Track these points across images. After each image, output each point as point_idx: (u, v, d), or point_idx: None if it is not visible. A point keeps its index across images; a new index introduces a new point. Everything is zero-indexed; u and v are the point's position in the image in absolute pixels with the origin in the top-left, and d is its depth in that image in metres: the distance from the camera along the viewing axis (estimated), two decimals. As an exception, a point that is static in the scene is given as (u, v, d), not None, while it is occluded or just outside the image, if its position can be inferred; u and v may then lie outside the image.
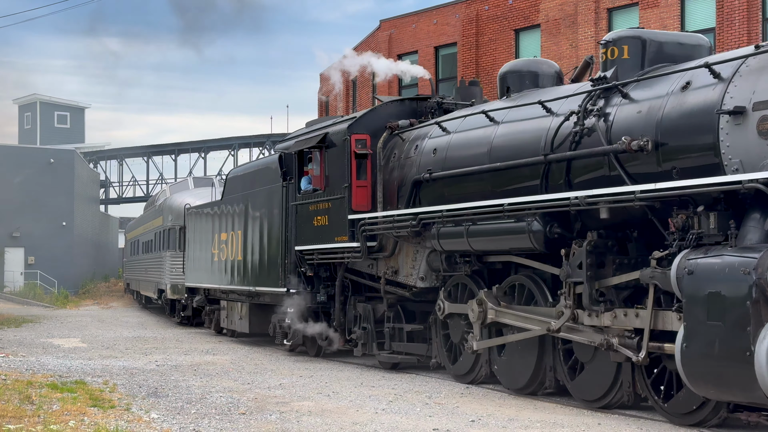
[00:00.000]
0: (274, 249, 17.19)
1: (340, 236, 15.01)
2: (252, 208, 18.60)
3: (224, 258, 20.23)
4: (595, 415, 10.36)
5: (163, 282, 29.22)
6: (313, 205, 16.01)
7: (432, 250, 13.25)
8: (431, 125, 13.99)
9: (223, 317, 21.59)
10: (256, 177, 18.81)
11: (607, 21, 23.76)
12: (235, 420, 10.00)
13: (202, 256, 22.31)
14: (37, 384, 12.70)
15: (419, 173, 13.48)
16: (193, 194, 28.74)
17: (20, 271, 49.16)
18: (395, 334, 14.65)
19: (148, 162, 60.53)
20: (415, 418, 10.12)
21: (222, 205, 20.84)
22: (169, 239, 28.88)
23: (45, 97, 68.42)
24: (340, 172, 15.03)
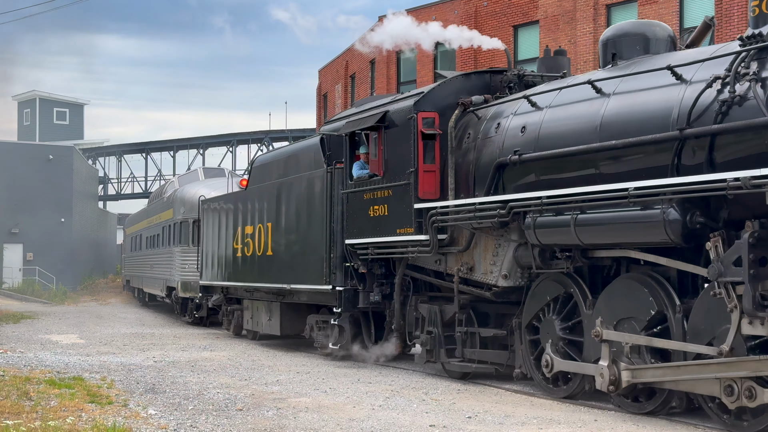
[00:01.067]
0: (316, 242, 15.57)
1: (403, 228, 13.34)
2: (286, 197, 16.99)
3: (249, 253, 18.67)
4: (591, 412, 10.38)
5: (172, 279, 27.48)
6: (368, 193, 14.27)
7: (520, 243, 11.59)
8: (516, 100, 12.22)
9: (246, 318, 20.01)
10: (291, 163, 17.14)
11: (605, 17, 23.77)
12: (233, 416, 10.02)
13: (221, 251, 20.61)
14: (35, 380, 12.71)
15: (503, 155, 11.73)
16: (206, 185, 26.90)
17: (19, 267, 49.18)
18: (466, 339, 12.83)
19: (147, 158, 60.53)
20: (411, 415, 10.14)
21: (246, 195, 19.10)
22: (180, 233, 27.09)
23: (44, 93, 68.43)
24: (404, 156, 13.31)
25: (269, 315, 18.32)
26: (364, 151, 14.76)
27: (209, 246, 21.61)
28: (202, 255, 22.26)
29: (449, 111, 13.10)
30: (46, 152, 50.74)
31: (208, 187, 26.19)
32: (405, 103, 13.56)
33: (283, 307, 17.77)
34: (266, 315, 18.48)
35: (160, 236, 31.14)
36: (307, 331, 17.09)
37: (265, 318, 18.54)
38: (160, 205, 32.03)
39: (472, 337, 12.79)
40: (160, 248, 31.02)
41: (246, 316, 20.04)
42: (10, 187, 48.04)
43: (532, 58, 25.67)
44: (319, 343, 16.42)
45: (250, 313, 19.68)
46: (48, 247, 49.00)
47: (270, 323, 18.33)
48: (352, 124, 14.86)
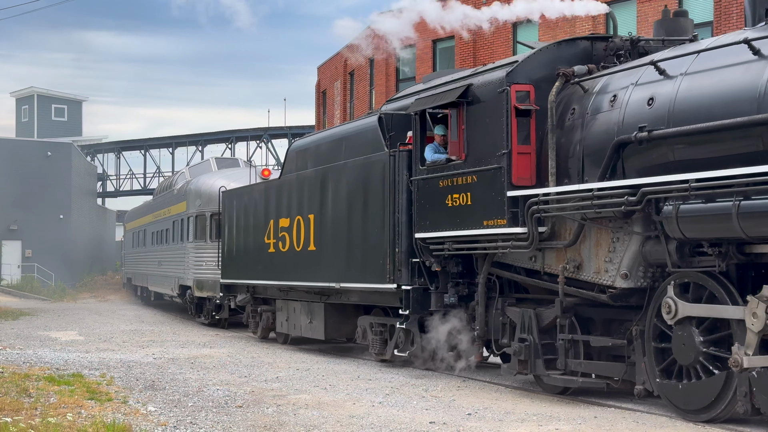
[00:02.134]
0: (374, 236, 13.92)
1: (493, 219, 11.56)
2: (333, 185, 15.27)
3: (285, 248, 17.00)
4: (591, 408, 10.38)
5: (186, 277, 25.46)
6: (445, 180, 12.49)
7: (650, 237, 9.83)
8: (636, 68, 10.49)
9: (280, 320, 18.08)
10: (339, 147, 15.44)
11: (604, 15, 23.73)
12: (232, 413, 10.02)
13: (248, 246, 18.97)
14: (35, 377, 12.71)
15: (623, 132, 10.05)
16: (223, 176, 24.92)
17: (17, 264, 49.15)
18: (569, 349, 10.94)
19: (146, 155, 60.51)
20: (411, 411, 10.14)
21: (280, 184, 17.46)
22: (195, 228, 25.01)
23: (42, 89, 68.36)
24: (492, 136, 11.54)
25: (310, 317, 16.54)
26: (438, 132, 13.10)
27: (232, 241, 20.07)
28: (224, 251, 20.65)
29: (544, 84, 11.36)
30: (45, 149, 50.70)
31: (226, 177, 24.35)
32: (494, 74, 11.78)
33: (328, 308, 16.03)
34: (306, 317, 16.69)
35: (170, 231, 28.97)
36: (358, 334, 15.38)
37: (305, 320, 16.76)
38: (170, 198, 29.72)
39: (575, 347, 10.89)
40: (169, 244, 28.92)
41: (279, 318, 18.19)
42: (9, 183, 48.01)
43: (532, 55, 25.65)
44: (375, 349, 14.69)
45: (285, 315, 17.84)
46: (47, 244, 48.98)
47: (311, 326, 16.51)
48: (424, 101, 13.12)
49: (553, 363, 11.06)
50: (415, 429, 9.05)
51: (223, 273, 20.76)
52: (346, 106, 34.91)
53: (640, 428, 9.13)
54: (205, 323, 24.51)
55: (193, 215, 25.20)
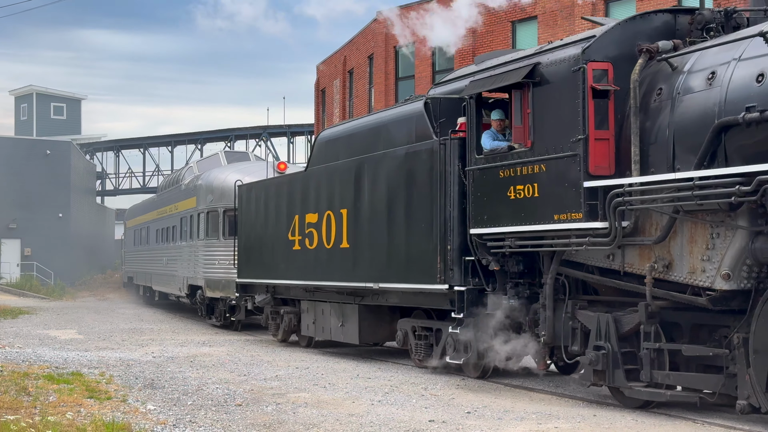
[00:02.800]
0: (421, 231, 12.75)
1: (565, 213, 10.40)
2: (370, 177, 14.13)
3: (312, 245, 15.83)
4: (590, 407, 10.39)
5: (196, 277, 24.15)
6: (506, 169, 11.28)
7: (759, 231, 8.77)
8: (738, 41, 9.31)
9: (306, 323, 16.87)
10: (379, 136, 14.26)
11: (604, 13, 23.74)
12: (232, 411, 10.02)
13: (269, 243, 17.77)
14: (34, 375, 12.71)
15: (726, 114, 8.94)
16: (238, 170, 23.52)
17: (17, 262, 49.15)
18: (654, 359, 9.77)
19: (145, 153, 60.49)
20: (410, 410, 10.15)
21: (306, 177, 16.31)
22: (206, 225, 23.65)
23: (41, 88, 68.32)
24: (564, 120, 10.41)
25: (341, 319, 15.37)
26: (495, 117, 12.00)
27: (250, 238, 18.87)
28: (241, 249, 19.43)
29: (621, 62, 10.24)
30: (44, 147, 50.69)
31: (239, 171, 22.96)
32: (567, 52, 10.58)
33: (362, 310, 14.86)
34: (337, 319, 15.52)
35: (177, 228, 27.50)
36: (399, 338, 14.24)
37: (335, 323, 15.58)
38: (177, 194, 28.13)
39: (660, 356, 9.74)
40: (177, 242, 27.52)
41: (305, 320, 16.93)
42: (8, 182, 48.01)
43: (531, 54, 25.65)
44: (418, 355, 13.63)
45: (311, 317, 16.59)
46: (46, 243, 48.97)
47: (343, 329, 15.32)
48: (481, 83, 11.86)
49: (634, 373, 9.95)
50: (415, 427, 9.05)
51: (240, 272, 19.45)
52: (345, 104, 34.91)
53: (639, 426, 9.14)
54: (217, 325, 23.22)
55: (204, 211, 23.86)
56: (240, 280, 19.48)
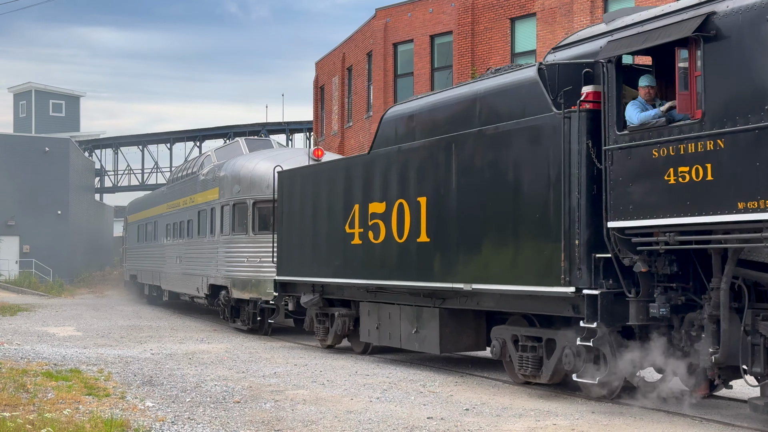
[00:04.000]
0: (535, 223, 10.68)
1: (755, 200, 8.42)
2: (461, 159, 12.04)
3: (379, 239, 13.88)
4: (588, 404, 10.39)
5: (218, 276, 21.72)
6: (664, 147, 9.27)
7: None
8: None
9: (367, 327, 14.82)
10: (473, 110, 12.04)
11: (603, 9, 23.73)
12: (230, 408, 10.02)
13: (319, 238, 15.89)
14: (32, 372, 12.71)
15: None
16: (267, 157, 21.08)
17: (15, 259, 49.14)
18: None
19: (143, 151, 60.47)
20: (409, 407, 10.15)
21: (370, 162, 14.34)
22: (232, 219, 21.20)
23: (40, 85, 68.33)
24: (752, 84, 8.49)
25: (415, 325, 13.41)
26: (645, 84, 10.04)
27: (293, 231, 16.93)
28: (281, 243, 17.45)
29: None
30: (43, 144, 50.67)
31: (270, 159, 20.52)
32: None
33: (444, 314, 12.87)
34: (409, 324, 13.57)
35: (194, 223, 25.02)
36: (494, 349, 11.96)
37: (407, 328, 13.65)
38: (193, 185, 25.45)
39: None
40: (194, 238, 25.03)
41: (365, 324, 14.92)
42: (6, 179, 48.00)
43: (530, 51, 25.69)
44: (524, 369, 11.32)
45: (374, 321, 14.60)
46: (45, 240, 48.96)
47: (418, 336, 13.35)
48: (626, 42, 9.90)
49: None
50: (413, 424, 9.06)
51: (279, 269, 17.47)
52: (344, 101, 34.88)
53: (638, 424, 9.14)
54: (243, 329, 20.81)
55: (229, 204, 21.39)
56: (280, 278, 17.48)
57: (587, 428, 8.89)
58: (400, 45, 29.82)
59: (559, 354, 10.74)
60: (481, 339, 13.04)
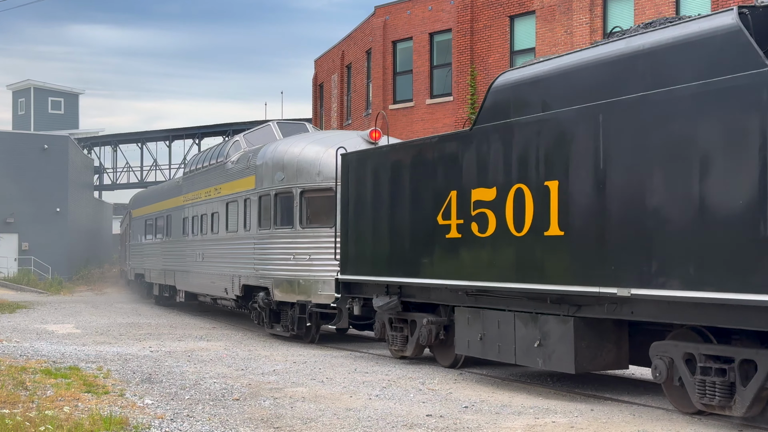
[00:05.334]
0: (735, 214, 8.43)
1: None
2: (615, 132, 9.74)
3: (486, 232, 11.60)
4: (587, 401, 10.39)
5: (258, 275, 19.00)
6: None
7: None
8: None
9: (466, 338, 12.26)
10: (631, 71, 9.75)
11: (602, 7, 23.74)
12: (229, 406, 10.02)
13: (399, 230, 13.69)
14: (31, 370, 12.70)
15: None
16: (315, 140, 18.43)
17: (14, 257, 49.15)
18: None
19: (142, 148, 60.47)
20: (408, 404, 10.15)
21: (476, 138, 11.94)
22: (274, 211, 18.44)
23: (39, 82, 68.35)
24: None
25: (537, 336, 10.95)
26: None
27: (362, 223, 14.73)
28: (346, 237, 15.24)
29: None
30: (42, 142, 50.67)
31: (319, 142, 18.17)
32: None
33: (580, 325, 10.49)
34: (528, 336, 11.10)
35: (220, 216, 22.33)
36: (658, 370, 9.54)
37: (526, 341, 11.15)
38: (219, 174, 22.77)
39: None
40: (220, 233, 22.47)
41: (463, 333, 12.39)
42: (5, 176, 48.02)
43: (529, 49, 25.67)
44: (711, 398, 8.95)
45: (476, 330, 12.08)
46: (43, 237, 48.98)
47: (543, 351, 10.88)
48: None
49: None
50: (412, 422, 9.06)
51: (344, 267, 15.27)
52: (343, 99, 34.88)
53: (637, 421, 9.14)
54: (285, 336, 18.48)
55: (269, 194, 18.64)
56: (344, 277, 15.21)
57: (586, 425, 8.89)
58: (400, 43, 29.82)
59: (762, 380, 8.47)
60: (623, 355, 10.64)
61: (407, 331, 14.11)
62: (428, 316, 13.41)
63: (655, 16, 22.39)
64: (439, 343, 13.47)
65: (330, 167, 17.04)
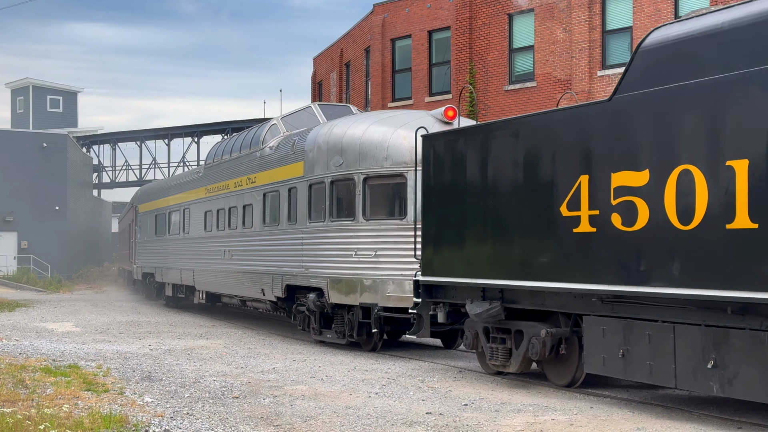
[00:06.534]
0: None
1: None
2: None
3: (634, 225, 9.57)
4: (587, 399, 10.40)
5: (304, 274, 16.85)
6: None
7: None
8: None
9: (602, 354, 10.04)
10: None
11: (600, 5, 23.73)
12: (229, 404, 10.03)
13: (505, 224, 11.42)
14: (31, 368, 12.70)
15: None
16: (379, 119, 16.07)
17: (13, 255, 49.14)
18: None
19: (141, 146, 60.43)
20: (408, 402, 10.16)
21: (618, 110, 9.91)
22: (331, 200, 16.08)
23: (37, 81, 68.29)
24: None
25: (711, 356, 8.75)
26: None
27: (451, 216, 12.49)
28: (429, 233, 12.97)
29: None
30: (40, 140, 50.65)
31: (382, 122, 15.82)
32: None
33: None
34: (698, 354, 8.91)
35: (256, 209, 20.01)
36: None
37: (693, 360, 8.96)
38: (253, 162, 20.41)
39: None
40: (255, 227, 20.08)
41: (596, 348, 10.16)
42: (4, 175, 48.02)
43: (528, 46, 25.66)
44: None
45: (617, 345, 9.85)
46: (43, 236, 48.97)
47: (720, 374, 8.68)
48: None
49: None
50: (412, 420, 9.06)
51: (426, 266, 12.99)
52: (342, 97, 34.87)
53: (636, 418, 9.15)
54: (340, 343, 16.31)
55: (324, 181, 16.38)
56: (428, 278, 12.92)
57: (586, 423, 8.90)
58: (398, 40, 29.81)
59: None
60: None
61: (510, 342, 11.78)
62: (542, 325, 11.14)
63: (654, 14, 22.40)
64: (554, 359, 11.23)
65: (400, 150, 15.04)
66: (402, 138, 15.07)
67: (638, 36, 22.53)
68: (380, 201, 15.47)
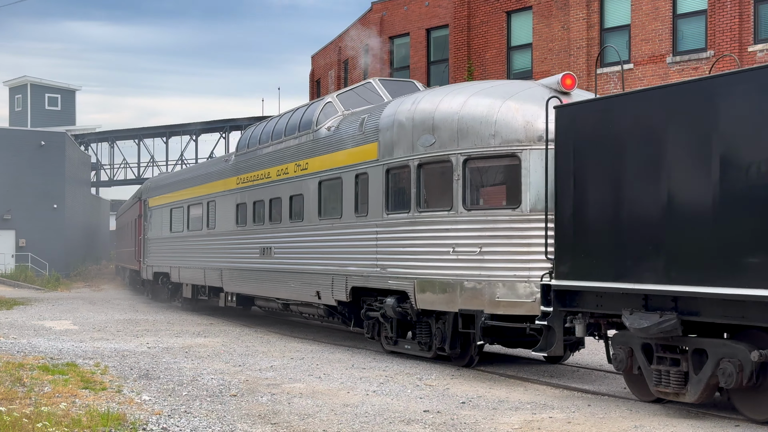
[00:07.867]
0: None
1: None
2: None
3: None
4: (584, 397, 10.41)
5: (379, 275, 14.41)
6: None
7: None
8: None
9: None
10: None
11: (599, 3, 23.72)
12: (227, 402, 10.03)
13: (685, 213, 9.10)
14: (29, 366, 12.69)
15: None
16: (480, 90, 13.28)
17: (11, 253, 49.11)
18: None
19: (139, 144, 60.39)
20: (405, 400, 10.16)
21: None
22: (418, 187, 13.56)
23: (36, 79, 68.22)
24: None
25: None
26: None
27: (599, 205, 10.11)
28: (564, 225, 10.57)
29: None
30: (38, 138, 50.60)
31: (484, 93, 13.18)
32: None
33: None
34: None
35: (308, 199, 17.38)
36: None
37: None
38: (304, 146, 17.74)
39: None
40: (305, 221, 17.48)
41: None
42: (2, 173, 47.97)
43: (526, 44, 25.65)
44: None
45: None
46: (40, 234, 48.93)
47: None
48: None
49: None
50: (409, 417, 9.07)
51: (561, 267, 10.55)
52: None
53: (633, 416, 9.16)
54: (426, 356, 13.86)
55: (408, 165, 13.90)
56: (563, 282, 10.49)
57: (583, 421, 8.91)
58: (397, 38, 29.80)
59: None
60: None
61: (686, 365, 9.37)
62: (742, 345, 8.76)
63: (652, 11, 22.40)
64: (753, 387, 8.83)
65: (512, 125, 12.43)
66: (514, 111, 12.48)
67: (636, 34, 22.54)
68: (486, 187, 12.97)
